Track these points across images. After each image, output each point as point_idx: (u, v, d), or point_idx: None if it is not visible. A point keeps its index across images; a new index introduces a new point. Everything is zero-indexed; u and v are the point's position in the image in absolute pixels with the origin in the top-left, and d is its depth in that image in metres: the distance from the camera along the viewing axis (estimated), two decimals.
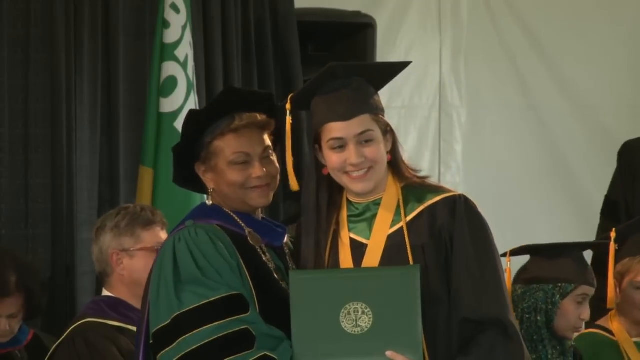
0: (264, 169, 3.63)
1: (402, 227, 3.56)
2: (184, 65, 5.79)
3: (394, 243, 3.55)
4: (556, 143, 7.70)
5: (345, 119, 3.52)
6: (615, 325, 4.93)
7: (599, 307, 4.83)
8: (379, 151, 3.56)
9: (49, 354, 4.61)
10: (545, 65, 7.66)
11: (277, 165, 3.69)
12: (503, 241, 3.94)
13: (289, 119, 3.60)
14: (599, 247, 4.66)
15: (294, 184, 3.61)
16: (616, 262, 4.72)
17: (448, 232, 3.55)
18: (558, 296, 4.46)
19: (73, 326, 4.56)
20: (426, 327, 3.44)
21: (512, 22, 7.62)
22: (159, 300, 3.53)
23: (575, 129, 7.69)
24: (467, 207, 3.57)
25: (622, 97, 7.69)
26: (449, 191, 3.62)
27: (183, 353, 3.45)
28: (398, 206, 3.59)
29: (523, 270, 4.59)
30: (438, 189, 3.63)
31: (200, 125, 3.66)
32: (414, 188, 3.62)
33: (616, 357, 4.86)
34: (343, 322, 3.39)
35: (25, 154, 5.82)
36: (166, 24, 5.79)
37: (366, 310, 3.39)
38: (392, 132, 3.62)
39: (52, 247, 5.79)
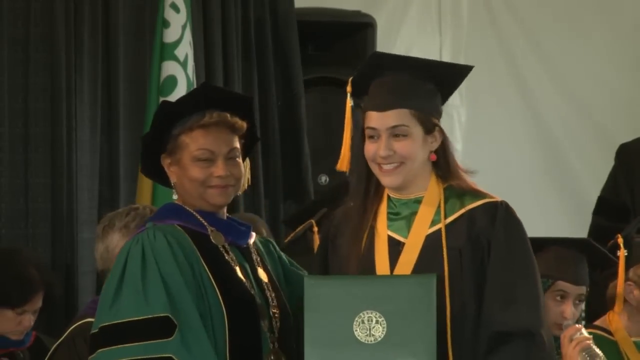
0: (227, 170, 3.59)
1: (440, 229, 3.53)
2: (183, 65, 5.79)
3: (431, 244, 3.51)
4: (555, 143, 7.70)
5: (380, 110, 3.52)
6: (614, 325, 4.91)
7: (598, 297, 4.82)
8: (411, 148, 3.52)
9: (49, 354, 4.59)
10: (545, 66, 7.66)
11: (242, 168, 3.64)
12: None
13: (349, 101, 3.61)
14: (576, 243, 4.62)
15: (344, 164, 3.63)
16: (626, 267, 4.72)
17: (486, 238, 3.51)
18: None
19: (73, 326, 4.54)
20: (453, 331, 3.41)
21: (512, 23, 7.61)
22: (101, 307, 3.51)
23: (574, 129, 7.70)
24: (508, 215, 3.55)
25: (620, 96, 7.69)
26: (491, 197, 3.58)
27: None
28: (439, 207, 3.56)
29: None
30: (480, 194, 3.58)
31: (171, 117, 3.63)
32: (456, 190, 3.58)
33: (615, 357, 4.85)
34: (356, 330, 3.33)
35: (25, 154, 5.82)
36: (166, 24, 5.79)
37: (380, 320, 3.33)
38: (441, 132, 3.58)
39: (52, 247, 5.79)
